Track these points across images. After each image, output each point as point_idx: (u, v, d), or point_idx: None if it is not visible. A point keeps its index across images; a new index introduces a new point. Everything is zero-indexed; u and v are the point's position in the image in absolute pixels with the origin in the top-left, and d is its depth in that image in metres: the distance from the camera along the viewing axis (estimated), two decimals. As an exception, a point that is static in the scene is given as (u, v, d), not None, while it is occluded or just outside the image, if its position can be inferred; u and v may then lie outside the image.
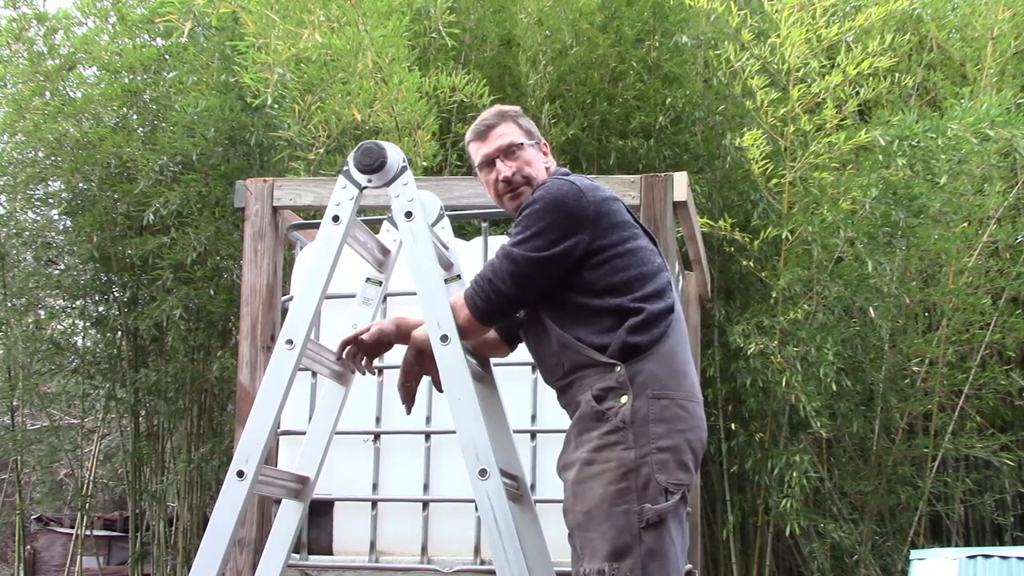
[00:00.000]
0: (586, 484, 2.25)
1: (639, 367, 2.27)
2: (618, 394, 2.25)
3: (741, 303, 5.87)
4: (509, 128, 2.54)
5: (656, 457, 2.21)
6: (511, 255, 2.34)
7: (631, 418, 2.23)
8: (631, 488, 2.19)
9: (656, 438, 2.22)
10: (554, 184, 2.40)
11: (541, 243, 2.32)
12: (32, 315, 7.61)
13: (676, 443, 2.24)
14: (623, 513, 2.18)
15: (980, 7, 5.85)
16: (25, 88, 6.58)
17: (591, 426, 2.28)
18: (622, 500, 2.19)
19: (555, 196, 2.35)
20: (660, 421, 2.24)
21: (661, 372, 2.28)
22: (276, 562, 2.54)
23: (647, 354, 2.28)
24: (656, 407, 2.24)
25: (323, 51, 4.74)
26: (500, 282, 2.34)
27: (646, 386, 2.25)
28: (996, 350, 6.00)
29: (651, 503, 2.18)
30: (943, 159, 5.18)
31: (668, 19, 6.04)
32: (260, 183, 3.67)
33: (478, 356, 2.57)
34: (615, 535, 2.17)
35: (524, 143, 2.53)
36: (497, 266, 2.35)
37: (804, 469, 5.18)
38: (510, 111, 2.58)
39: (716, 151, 5.97)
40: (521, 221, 2.37)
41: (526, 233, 2.34)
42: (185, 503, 7.10)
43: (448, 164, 5.60)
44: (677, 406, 2.28)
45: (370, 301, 2.70)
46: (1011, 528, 6.27)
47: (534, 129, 2.59)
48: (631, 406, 2.24)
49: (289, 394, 2.41)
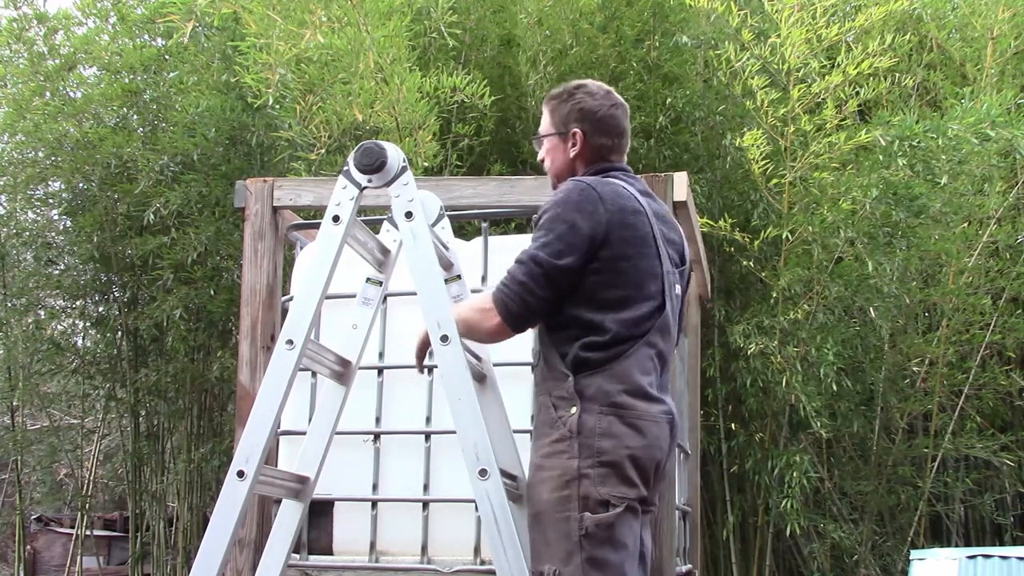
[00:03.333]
0: (535, 488, 2.31)
1: (588, 381, 2.30)
2: (569, 404, 2.29)
3: (741, 303, 5.86)
4: (544, 115, 2.58)
5: (597, 470, 2.24)
6: (539, 260, 2.31)
7: (578, 429, 2.27)
8: (572, 497, 2.23)
9: (601, 452, 2.25)
10: (575, 188, 2.39)
11: (562, 248, 2.31)
12: (32, 315, 7.60)
13: (618, 458, 2.26)
14: (564, 520, 2.23)
15: (980, 7, 5.85)
16: (25, 88, 6.58)
17: (545, 431, 2.33)
18: (564, 508, 2.24)
19: (575, 203, 2.35)
20: (606, 436, 2.26)
21: (613, 389, 2.29)
22: (276, 562, 2.55)
23: (598, 370, 2.30)
24: (604, 422, 2.27)
25: (324, 51, 4.75)
26: (537, 287, 2.31)
27: (595, 400, 2.28)
28: (996, 350, 6.00)
29: (591, 512, 2.22)
30: (943, 159, 5.18)
31: (668, 19, 6.04)
32: (260, 183, 3.67)
33: (478, 356, 2.58)
34: (556, 540, 2.23)
35: (543, 135, 2.56)
36: (528, 271, 2.32)
37: (804, 469, 5.18)
38: (554, 94, 2.58)
39: (716, 151, 5.96)
40: (543, 224, 2.36)
41: (548, 237, 2.33)
42: (185, 503, 7.10)
43: (448, 164, 5.60)
44: (627, 423, 2.28)
45: (370, 301, 2.70)
46: (1011, 528, 6.27)
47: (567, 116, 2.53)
48: (579, 417, 2.27)
49: (289, 394, 2.41)
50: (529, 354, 3.22)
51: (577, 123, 2.51)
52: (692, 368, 4.56)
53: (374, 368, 3.44)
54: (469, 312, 2.43)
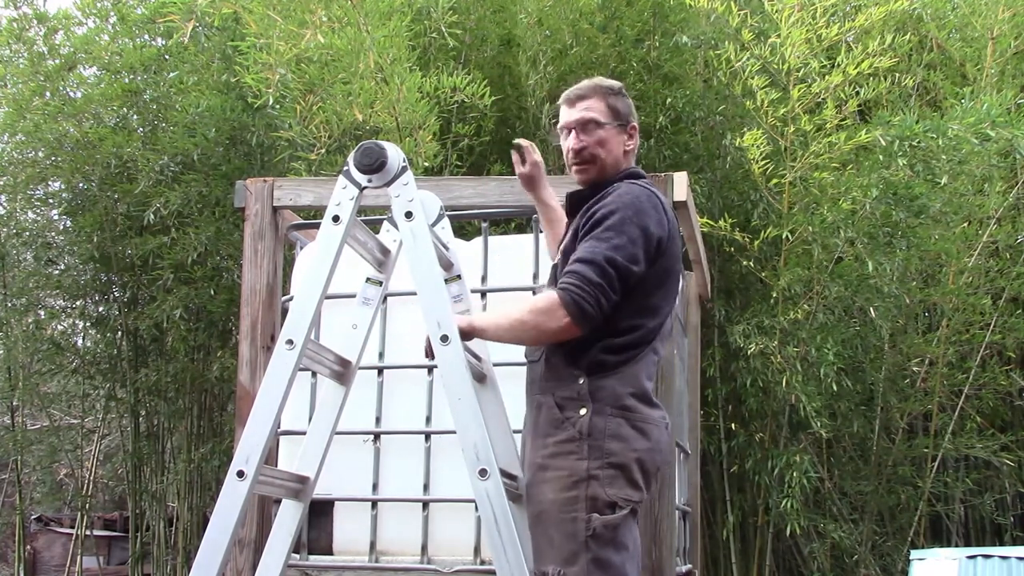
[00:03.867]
0: (538, 488, 2.31)
1: (602, 383, 2.30)
2: (578, 405, 2.30)
3: (741, 303, 5.87)
4: (597, 103, 2.51)
5: (606, 472, 2.25)
6: (616, 263, 2.28)
7: (588, 430, 2.27)
8: (580, 497, 2.24)
9: (609, 454, 2.26)
10: (643, 192, 2.40)
11: (636, 254, 2.30)
12: (32, 315, 7.61)
13: (626, 460, 2.27)
14: (571, 520, 2.23)
15: (980, 7, 5.85)
16: (25, 88, 6.59)
17: (549, 431, 2.33)
18: (571, 508, 2.24)
19: (645, 209, 2.35)
20: (615, 438, 2.27)
21: (622, 392, 2.30)
22: (276, 562, 2.54)
23: (611, 372, 2.31)
24: (613, 423, 2.28)
25: (324, 51, 4.75)
26: (611, 291, 2.28)
27: (606, 402, 2.29)
28: (996, 350, 6.00)
29: (599, 514, 2.22)
30: (943, 159, 5.18)
31: (668, 19, 6.04)
32: (260, 183, 3.67)
33: (478, 356, 2.58)
34: (562, 541, 2.23)
35: (605, 123, 2.50)
36: (603, 273, 2.27)
37: (804, 469, 5.18)
38: (605, 86, 2.55)
39: (716, 151, 5.96)
40: (613, 225, 2.32)
41: (622, 240, 2.30)
42: (185, 503, 7.10)
43: (448, 164, 5.59)
44: (633, 426, 2.30)
45: (370, 301, 2.70)
46: (1011, 528, 6.27)
47: (625, 109, 2.54)
48: (590, 419, 2.28)
49: (289, 394, 2.41)
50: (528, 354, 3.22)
51: (634, 119, 2.56)
52: (692, 368, 4.56)
53: (374, 368, 3.45)
54: (530, 313, 2.33)
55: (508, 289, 3.44)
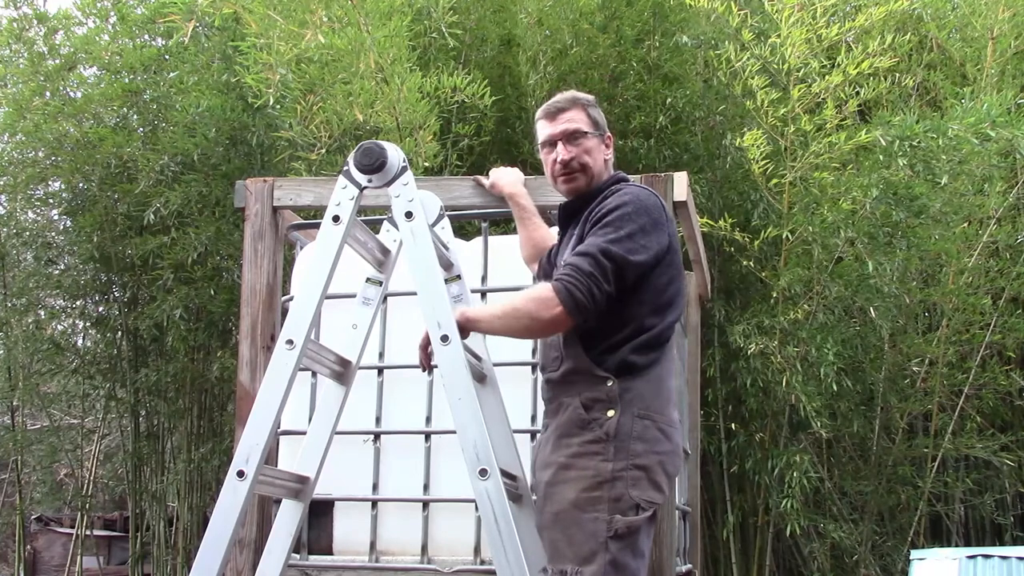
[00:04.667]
0: (558, 487, 2.31)
1: (630, 385, 2.32)
2: (606, 407, 2.31)
3: (741, 303, 5.87)
4: (578, 115, 2.57)
5: (632, 473, 2.26)
6: (610, 254, 2.31)
7: (615, 432, 2.28)
8: (603, 498, 2.25)
9: (635, 455, 2.28)
10: (641, 191, 2.45)
11: (635, 246, 2.33)
12: (32, 315, 7.61)
13: (651, 463, 2.30)
14: (592, 520, 2.24)
15: (980, 7, 5.85)
16: (25, 88, 6.59)
17: (574, 432, 2.33)
18: (593, 508, 2.25)
19: (644, 204, 2.40)
20: (641, 440, 2.29)
21: (648, 394, 2.33)
22: (276, 562, 2.54)
23: (641, 374, 2.33)
24: (639, 426, 2.30)
25: (325, 51, 4.74)
26: (604, 281, 2.30)
27: (633, 404, 2.31)
28: (996, 350, 6.00)
29: (622, 515, 2.24)
30: (944, 159, 5.18)
31: (668, 19, 6.04)
32: (260, 183, 3.67)
33: (478, 356, 2.58)
34: (582, 540, 2.24)
35: (588, 132, 2.56)
36: (596, 263, 2.30)
37: (804, 469, 5.18)
38: (583, 99, 2.61)
39: (716, 151, 5.96)
40: (612, 221, 2.36)
41: (620, 233, 2.33)
42: (185, 503, 7.10)
43: (448, 164, 5.59)
44: (658, 429, 2.33)
45: (370, 301, 2.70)
46: (1011, 528, 6.27)
47: (602, 121, 2.62)
48: (617, 420, 2.29)
49: (289, 394, 2.41)
50: (529, 354, 3.22)
51: (608, 129, 2.64)
52: (692, 368, 4.56)
53: (374, 368, 3.45)
54: (523, 302, 2.37)
55: (508, 289, 3.43)
